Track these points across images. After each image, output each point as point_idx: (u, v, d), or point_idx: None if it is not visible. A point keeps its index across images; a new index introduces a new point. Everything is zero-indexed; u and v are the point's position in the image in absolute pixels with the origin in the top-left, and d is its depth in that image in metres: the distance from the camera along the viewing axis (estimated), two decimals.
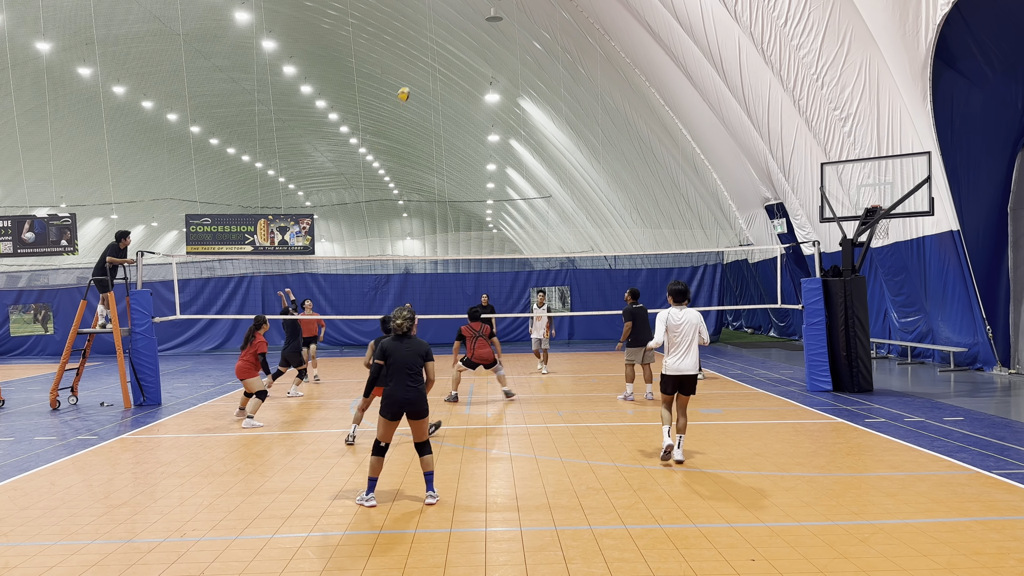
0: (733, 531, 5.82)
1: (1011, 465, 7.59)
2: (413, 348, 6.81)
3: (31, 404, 13.50)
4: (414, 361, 6.75)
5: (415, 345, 6.84)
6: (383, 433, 6.77)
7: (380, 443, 6.78)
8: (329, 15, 36.38)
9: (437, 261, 37.29)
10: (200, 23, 37.15)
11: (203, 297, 24.39)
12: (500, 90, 33.73)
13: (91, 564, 5.40)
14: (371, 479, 6.74)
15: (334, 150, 63.87)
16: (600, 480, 7.41)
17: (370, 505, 6.65)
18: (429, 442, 6.89)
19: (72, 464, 8.64)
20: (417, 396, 6.72)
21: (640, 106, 26.25)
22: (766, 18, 15.80)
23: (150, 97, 43.53)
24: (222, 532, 6.05)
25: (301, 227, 20.03)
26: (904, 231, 16.28)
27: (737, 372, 16.25)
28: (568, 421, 10.78)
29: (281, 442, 9.69)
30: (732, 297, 29.93)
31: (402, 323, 6.84)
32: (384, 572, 5.16)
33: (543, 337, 16.85)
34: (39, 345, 24.75)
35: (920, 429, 9.54)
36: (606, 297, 24.25)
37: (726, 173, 24.84)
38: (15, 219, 17.24)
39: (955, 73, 14.14)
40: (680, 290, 8.20)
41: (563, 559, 5.32)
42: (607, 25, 22.63)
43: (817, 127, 16.86)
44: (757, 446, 8.79)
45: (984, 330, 14.84)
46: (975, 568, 5.01)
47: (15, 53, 34.22)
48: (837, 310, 12.99)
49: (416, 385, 6.73)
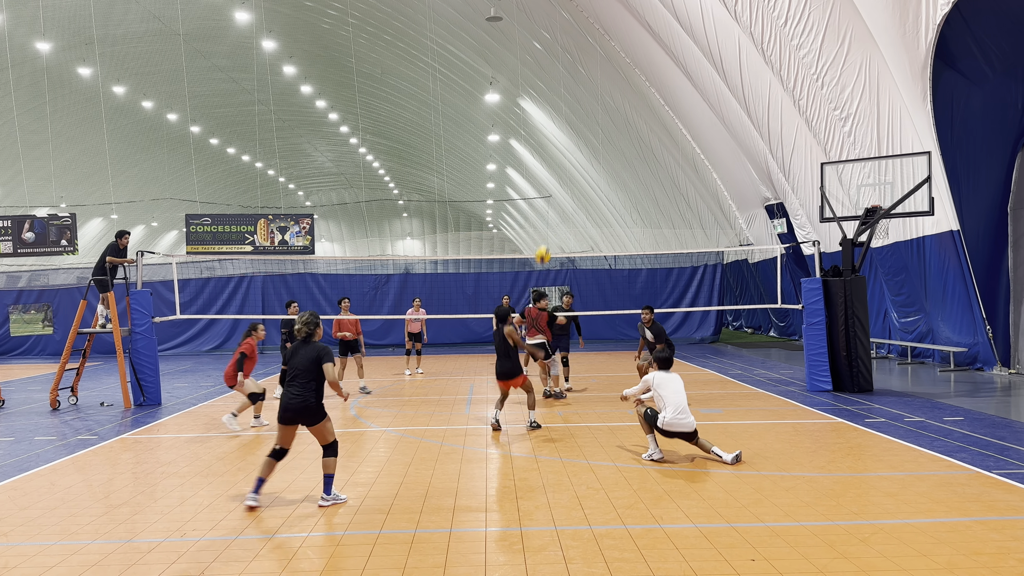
0: (733, 531, 5.82)
1: (1011, 465, 7.59)
2: (309, 353, 6.75)
3: (31, 404, 13.50)
4: (308, 367, 6.69)
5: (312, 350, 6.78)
6: (280, 438, 6.80)
7: (276, 447, 6.80)
8: (329, 15, 36.37)
9: (437, 261, 37.32)
10: (200, 23, 37.14)
11: (203, 297, 24.39)
12: (500, 90, 33.73)
13: (91, 564, 5.40)
14: (259, 479, 6.72)
15: (334, 150, 63.87)
16: (600, 480, 7.41)
17: (250, 505, 6.57)
18: (335, 444, 6.80)
19: (72, 464, 8.64)
20: (303, 403, 6.65)
21: (640, 106, 26.25)
22: (766, 18, 15.80)
23: (150, 97, 43.53)
24: (222, 532, 6.05)
25: (301, 227, 20.02)
26: (904, 231, 16.28)
27: (737, 372, 16.25)
28: (568, 421, 10.77)
29: None
30: (732, 297, 29.93)
31: (301, 328, 6.85)
32: (384, 572, 5.16)
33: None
34: (39, 345, 24.75)
35: (920, 429, 9.54)
36: (606, 297, 24.25)
37: (726, 173, 24.84)
38: (15, 219, 17.24)
39: (955, 73, 14.14)
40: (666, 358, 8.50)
41: (563, 559, 5.32)
42: (607, 25, 22.63)
43: (817, 127, 16.86)
44: (757, 446, 8.79)
45: (984, 330, 14.84)
46: (975, 568, 5.01)
47: (15, 53, 34.22)
48: (837, 310, 12.99)
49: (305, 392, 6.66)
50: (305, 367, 6.69)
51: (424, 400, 13.10)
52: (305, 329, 6.84)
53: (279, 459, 6.81)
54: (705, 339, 25.09)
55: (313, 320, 6.89)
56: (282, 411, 6.69)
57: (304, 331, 6.84)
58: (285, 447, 6.81)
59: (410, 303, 19.73)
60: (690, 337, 25.09)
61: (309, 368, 6.69)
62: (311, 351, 6.76)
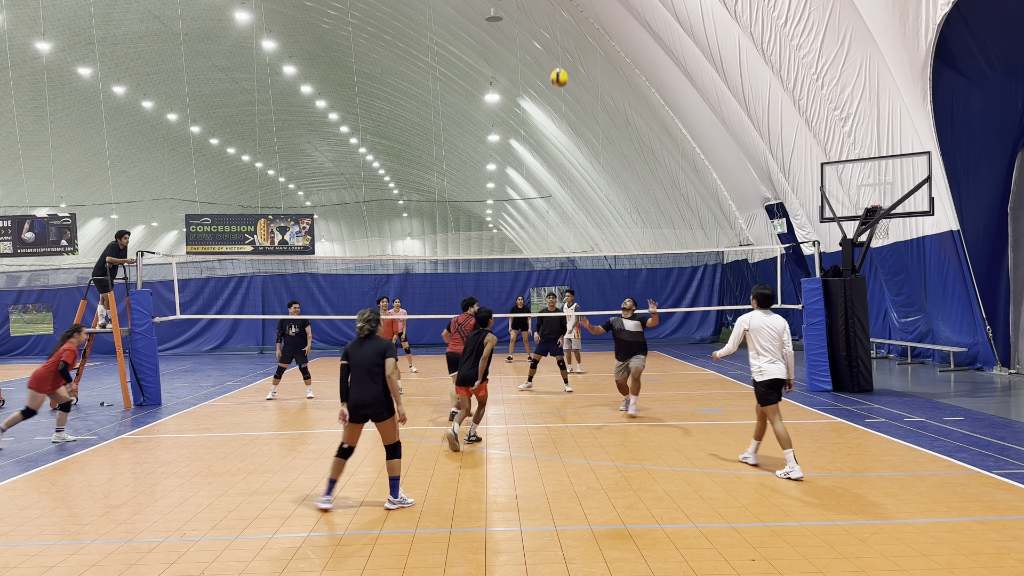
0: (733, 531, 5.82)
1: (1011, 465, 7.59)
2: (372, 348, 6.76)
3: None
4: (376, 362, 6.69)
5: (375, 345, 6.79)
6: (346, 436, 6.78)
7: (343, 445, 6.78)
8: (329, 15, 36.37)
9: (437, 261, 37.29)
10: (200, 23, 37.14)
11: (203, 297, 24.38)
12: (500, 90, 33.73)
13: (91, 564, 5.40)
14: (331, 480, 6.70)
15: (334, 150, 63.86)
16: (600, 480, 7.41)
17: (323, 508, 6.56)
18: (398, 445, 6.79)
19: (72, 464, 8.64)
20: (375, 399, 6.65)
21: (640, 106, 26.25)
22: (766, 18, 15.80)
23: (150, 97, 43.53)
24: (222, 532, 6.05)
25: (301, 227, 20.01)
26: (904, 231, 16.27)
27: (737, 372, 16.25)
28: (568, 421, 10.77)
29: (281, 442, 9.69)
30: (732, 297, 29.87)
31: (364, 325, 6.84)
32: (384, 572, 5.16)
33: (574, 338, 16.56)
34: (39, 345, 24.74)
35: (920, 429, 9.54)
36: (606, 297, 24.24)
37: (726, 173, 24.83)
38: (15, 219, 17.23)
39: (955, 73, 14.14)
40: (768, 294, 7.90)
41: (563, 559, 5.32)
42: (607, 25, 22.63)
43: (817, 127, 16.86)
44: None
45: (984, 330, 14.84)
46: (975, 568, 5.01)
47: (15, 53, 34.22)
48: (837, 310, 12.98)
49: (376, 388, 6.66)
50: (371, 363, 6.68)
51: (424, 400, 13.10)
52: (367, 326, 6.84)
53: (347, 458, 6.78)
54: (705, 339, 25.09)
55: (374, 317, 6.91)
56: (353, 409, 6.67)
57: (366, 328, 6.84)
58: (352, 445, 6.81)
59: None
60: (690, 337, 25.09)
61: (377, 363, 6.68)
62: (376, 346, 6.76)
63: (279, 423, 11.15)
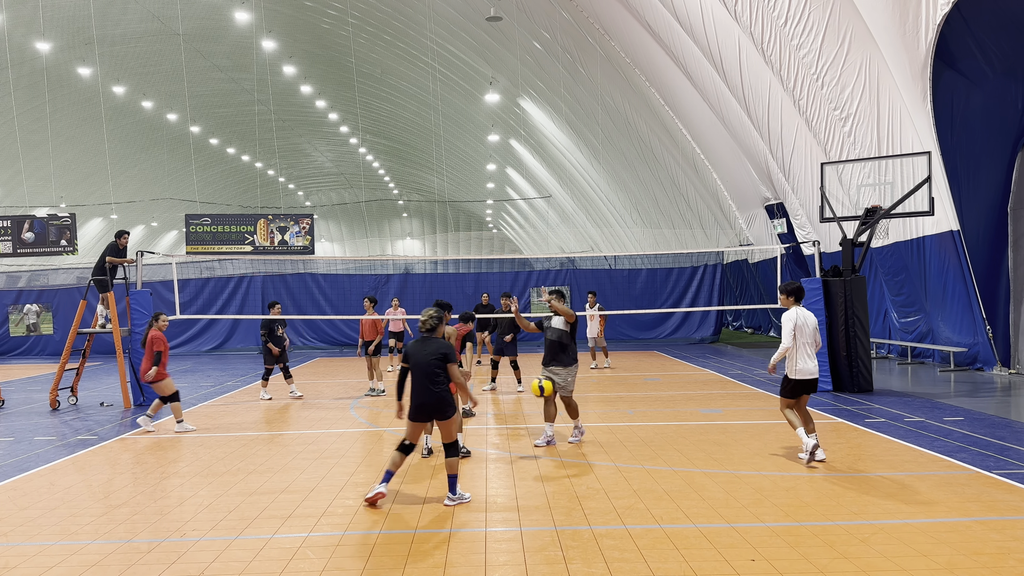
0: (733, 531, 5.82)
1: (1011, 465, 7.59)
2: (432, 350, 6.79)
3: (31, 404, 13.49)
4: (432, 364, 6.73)
5: (435, 346, 6.82)
6: (409, 432, 6.87)
7: (405, 441, 6.86)
8: (329, 15, 36.37)
9: (437, 261, 37.28)
10: (200, 23, 37.15)
11: (203, 297, 24.38)
12: (500, 90, 33.73)
13: (91, 564, 5.40)
14: (387, 471, 6.79)
15: (334, 150, 63.87)
16: (600, 480, 7.41)
17: (376, 493, 6.61)
18: (457, 443, 6.86)
19: (72, 464, 8.64)
20: (439, 398, 6.71)
21: (640, 106, 26.25)
22: (766, 18, 15.80)
23: (150, 97, 43.53)
24: (222, 532, 6.05)
25: (301, 227, 20.00)
26: (904, 231, 16.27)
27: (737, 372, 16.25)
28: (568, 421, 10.75)
29: (281, 442, 9.69)
30: (732, 297, 29.92)
31: (427, 321, 6.87)
32: (384, 572, 5.16)
33: (598, 336, 17.49)
34: (39, 345, 24.74)
35: (920, 429, 9.54)
36: (606, 297, 24.23)
37: (726, 173, 24.84)
38: (15, 219, 17.21)
39: (955, 73, 14.14)
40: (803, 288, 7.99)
41: (563, 559, 5.31)
42: (607, 25, 22.63)
43: (817, 127, 16.86)
44: (757, 446, 8.79)
45: (984, 330, 14.84)
46: (975, 568, 5.01)
47: (15, 53, 34.22)
48: (837, 310, 12.98)
49: (436, 388, 6.71)
50: (430, 366, 6.70)
51: None
52: (430, 323, 6.87)
53: (408, 453, 6.84)
54: (705, 339, 25.09)
55: (438, 315, 6.94)
56: (415, 409, 6.72)
57: (429, 324, 6.87)
58: (414, 442, 6.86)
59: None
60: (690, 337, 25.09)
61: (438, 362, 6.71)
62: (436, 347, 6.79)
63: (279, 423, 11.15)
